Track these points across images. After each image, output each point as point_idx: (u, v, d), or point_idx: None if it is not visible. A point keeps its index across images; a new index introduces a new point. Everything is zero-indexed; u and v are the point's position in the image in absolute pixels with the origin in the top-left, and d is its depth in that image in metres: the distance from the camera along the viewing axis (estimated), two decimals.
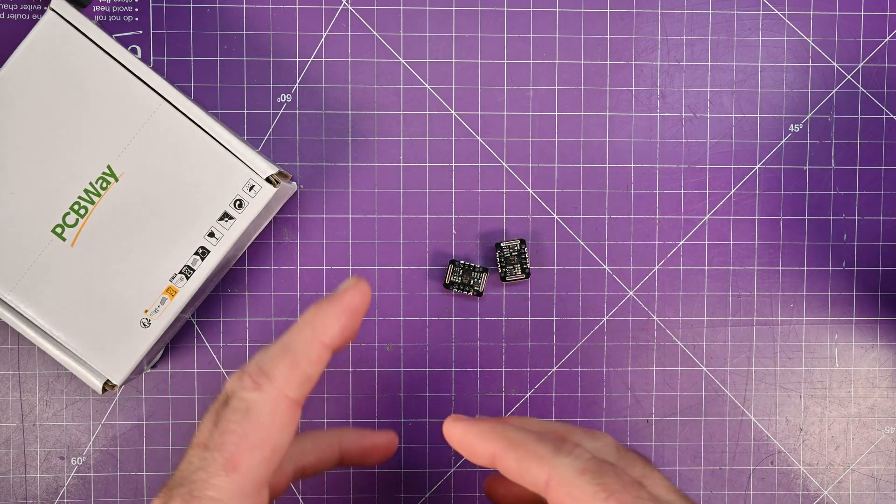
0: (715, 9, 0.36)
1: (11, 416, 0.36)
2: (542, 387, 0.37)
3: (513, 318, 0.36)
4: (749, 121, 0.37)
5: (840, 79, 0.37)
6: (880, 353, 0.37)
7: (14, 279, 0.31)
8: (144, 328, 0.31)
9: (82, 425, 0.36)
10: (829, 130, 0.37)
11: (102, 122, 0.31)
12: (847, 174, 0.37)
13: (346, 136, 0.36)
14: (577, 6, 0.36)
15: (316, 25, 0.36)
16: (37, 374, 0.36)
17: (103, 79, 0.31)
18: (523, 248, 0.35)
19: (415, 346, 0.36)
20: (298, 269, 0.36)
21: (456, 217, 0.36)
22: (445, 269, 0.36)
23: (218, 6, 0.36)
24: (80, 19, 0.31)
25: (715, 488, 0.37)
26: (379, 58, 0.36)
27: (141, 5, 0.36)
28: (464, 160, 0.36)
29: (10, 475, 0.36)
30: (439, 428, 0.36)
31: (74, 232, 0.31)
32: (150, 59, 0.36)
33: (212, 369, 0.36)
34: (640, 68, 0.37)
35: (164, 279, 0.31)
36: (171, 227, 0.31)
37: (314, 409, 0.36)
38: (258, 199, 0.31)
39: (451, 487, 0.37)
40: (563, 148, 0.36)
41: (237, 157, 0.31)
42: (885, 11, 0.37)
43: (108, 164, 0.31)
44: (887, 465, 0.37)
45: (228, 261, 0.35)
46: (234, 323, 0.36)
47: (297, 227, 0.36)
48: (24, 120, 0.31)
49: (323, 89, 0.36)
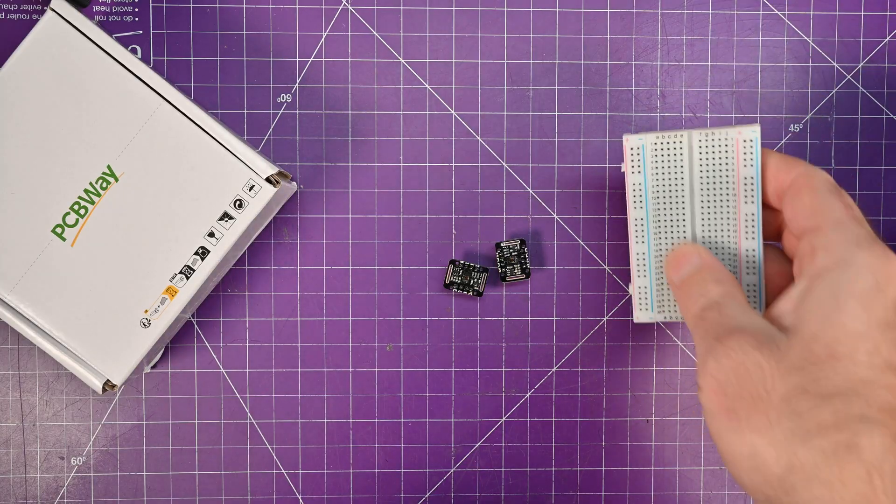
0: (715, 9, 0.36)
1: (11, 416, 0.36)
2: (542, 387, 0.37)
3: (513, 318, 0.36)
4: (749, 121, 0.37)
5: (840, 79, 0.37)
6: None
7: (14, 279, 0.31)
8: (144, 328, 0.31)
9: (82, 425, 0.36)
10: (829, 130, 0.37)
11: (102, 122, 0.31)
12: (847, 174, 0.37)
13: (346, 136, 0.36)
14: (577, 6, 0.36)
15: (316, 25, 0.36)
16: (37, 374, 0.36)
17: (103, 79, 0.31)
18: (523, 248, 0.35)
19: (415, 346, 0.36)
20: (298, 269, 0.36)
21: (456, 217, 0.36)
22: (445, 269, 0.36)
23: (218, 6, 0.36)
24: (80, 19, 0.31)
25: (715, 488, 0.37)
26: (379, 58, 0.36)
27: (141, 5, 0.36)
28: (464, 160, 0.36)
29: (10, 475, 0.36)
30: (439, 428, 0.37)
31: (74, 232, 0.31)
32: (150, 59, 0.36)
33: (212, 369, 0.36)
34: (640, 68, 0.37)
35: (164, 279, 0.31)
36: (172, 226, 0.31)
37: (314, 410, 0.36)
38: (258, 199, 0.31)
39: (451, 487, 0.37)
40: (562, 148, 0.36)
41: (237, 157, 0.31)
42: (885, 11, 0.37)
43: (108, 164, 0.31)
44: None
45: (228, 261, 0.35)
46: (234, 323, 0.36)
47: (297, 227, 0.36)
48: (24, 120, 0.31)
49: (323, 89, 0.36)
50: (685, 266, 0.28)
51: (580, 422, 0.37)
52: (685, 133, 0.30)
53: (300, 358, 0.36)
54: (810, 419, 0.22)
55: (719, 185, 0.29)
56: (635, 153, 0.30)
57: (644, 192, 0.30)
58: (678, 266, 0.28)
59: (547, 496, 0.37)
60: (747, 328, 0.24)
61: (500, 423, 0.37)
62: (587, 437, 0.37)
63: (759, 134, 0.29)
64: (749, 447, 0.23)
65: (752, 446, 0.23)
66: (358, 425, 0.36)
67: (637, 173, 0.30)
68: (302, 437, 0.36)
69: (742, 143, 0.29)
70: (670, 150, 0.30)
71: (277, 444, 0.36)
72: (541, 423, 0.37)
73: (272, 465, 0.36)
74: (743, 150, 0.29)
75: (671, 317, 0.31)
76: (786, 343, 0.23)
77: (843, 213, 0.25)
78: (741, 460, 0.23)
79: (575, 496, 0.37)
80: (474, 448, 0.37)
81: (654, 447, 0.37)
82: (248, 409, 0.36)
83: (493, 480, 0.37)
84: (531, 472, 0.37)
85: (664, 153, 0.30)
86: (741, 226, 0.29)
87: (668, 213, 0.30)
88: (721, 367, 0.24)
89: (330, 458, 0.36)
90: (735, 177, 0.29)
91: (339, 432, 0.36)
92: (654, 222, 0.30)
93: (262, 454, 0.36)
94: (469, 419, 0.37)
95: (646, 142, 0.30)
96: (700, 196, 0.30)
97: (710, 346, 0.24)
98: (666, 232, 0.30)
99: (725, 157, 0.29)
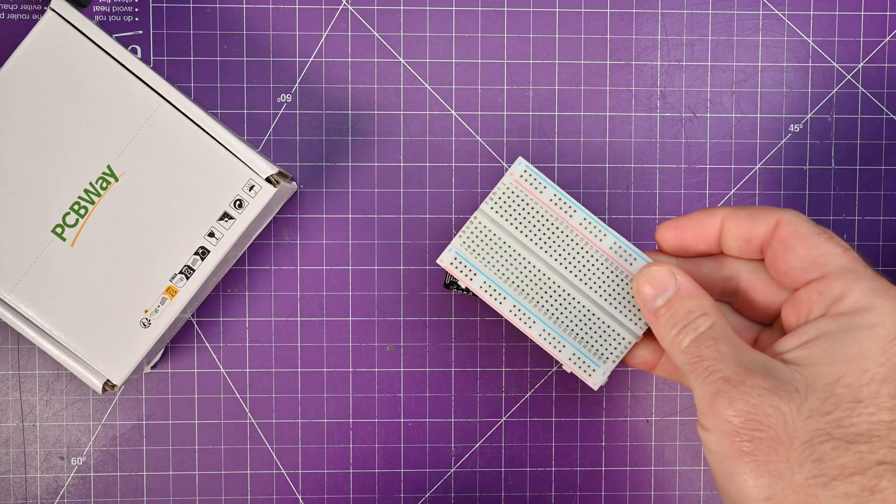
0: (715, 9, 0.36)
1: (11, 416, 0.36)
2: (542, 387, 0.37)
3: None
4: (749, 121, 0.37)
5: (840, 79, 0.37)
6: None
7: (14, 279, 0.31)
8: (144, 328, 0.31)
9: (82, 425, 0.36)
10: (829, 130, 0.37)
11: (102, 122, 0.31)
12: (847, 174, 0.37)
13: (346, 136, 0.36)
14: (577, 6, 0.36)
15: (316, 25, 0.36)
16: (37, 374, 0.36)
17: (103, 79, 0.31)
18: None
19: (415, 346, 0.36)
20: (298, 269, 0.36)
21: (456, 217, 0.36)
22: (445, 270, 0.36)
23: (218, 6, 0.36)
24: (80, 19, 0.31)
25: (715, 488, 0.37)
26: (379, 58, 0.36)
27: (141, 5, 0.36)
28: (464, 160, 0.36)
29: (10, 475, 0.36)
30: (439, 428, 0.37)
31: (74, 232, 0.31)
32: (150, 59, 0.36)
33: (212, 369, 0.36)
34: (640, 68, 0.37)
35: (164, 279, 0.31)
36: (172, 226, 0.31)
37: (314, 410, 0.36)
38: (258, 199, 0.31)
39: (451, 487, 0.37)
40: (562, 148, 0.36)
41: (237, 157, 0.31)
42: (885, 11, 0.37)
43: (108, 164, 0.31)
44: None
45: (228, 261, 0.35)
46: (234, 323, 0.36)
47: (297, 227, 0.36)
48: (24, 120, 0.31)
49: (323, 89, 0.36)
50: (660, 292, 0.26)
51: (580, 422, 0.37)
52: (477, 214, 0.28)
53: (300, 358, 0.36)
54: (833, 463, 0.22)
55: (550, 233, 0.28)
56: (458, 264, 0.29)
57: (495, 285, 0.29)
58: (654, 290, 0.26)
59: (547, 496, 0.37)
60: (756, 369, 0.23)
61: (500, 423, 0.37)
62: (587, 437, 0.37)
63: (525, 163, 0.28)
64: (767, 491, 0.22)
65: (770, 490, 0.22)
66: (358, 425, 0.36)
67: (476, 276, 0.29)
68: (302, 437, 0.36)
69: (522, 180, 0.28)
70: (481, 236, 0.29)
71: (277, 444, 0.36)
72: (541, 423, 0.37)
73: (272, 465, 0.36)
74: (530, 185, 0.28)
75: (619, 357, 0.28)
76: (804, 385, 0.23)
77: (845, 259, 0.24)
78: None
79: (575, 496, 0.37)
80: (474, 448, 0.37)
81: (654, 447, 0.37)
82: (248, 409, 0.36)
83: (493, 480, 0.37)
84: (531, 472, 0.37)
85: (480, 243, 0.29)
86: (613, 259, 0.28)
87: (534, 285, 0.28)
88: (737, 412, 0.23)
89: (330, 458, 0.36)
90: (569, 220, 0.28)
91: (339, 432, 0.36)
92: (529, 302, 0.28)
93: (262, 454, 0.36)
94: (469, 419, 0.37)
95: (456, 248, 0.29)
96: (549, 252, 0.28)
97: (718, 389, 0.23)
98: (546, 300, 0.28)
99: (526, 204, 0.28)
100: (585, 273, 0.28)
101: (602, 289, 0.28)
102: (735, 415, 0.23)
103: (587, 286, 0.28)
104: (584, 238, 0.28)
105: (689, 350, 0.25)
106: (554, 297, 0.28)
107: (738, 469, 0.23)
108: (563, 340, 0.28)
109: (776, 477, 0.22)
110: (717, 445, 0.23)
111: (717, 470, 0.24)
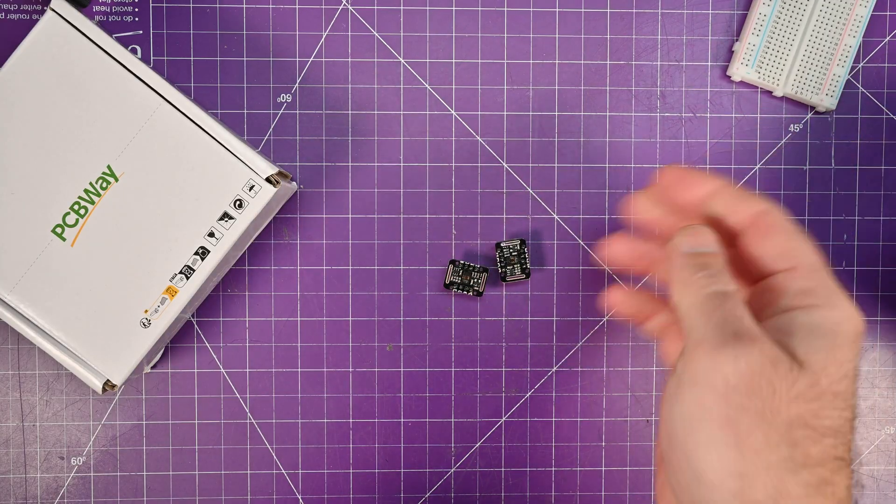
0: (715, 9, 0.36)
1: (11, 416, 0.36)
2: (542, 387, 0.37)
3: (513, 318, 0.36)
4: (749, 121, 0.37)
5: None
6: (880, 353, 0.37)
7: (14, 279, 0.31)
8: (144, 328, 0.31)
9: (82, 425, 0.36)
10: (829, 130, 0.37)
11: (102, 122, 0.31)
12: (847, 174, 0.37)
13: (346, 136, 0.36)
14: (577, 6, 0.36)
15: (316, 25, 0.36)
16: (37, 374, 0.36)
17: (103, 79, 0.31)
18: (523, 248, 0.35)
19: (415, 346, 0.36)
20: (298, 269, 0.36)
21: (456, 217, 0.36)
22: (445, 269, 0.36)
23: (218, 6, 0.36)
24: (80, 19, 0.31)
25: None
26: (379, 58, 0.36)
27: (141, 5, 0.36)
28: (464, 160, 0.36)
29: (10, 475, 0.36)
30: (439, 428, 0.37)
31: (74, 232, 0.31)
32: (150, 59, 0.36)
33: (212, 369, 0.36)
34: (640, 68, 0.36)
35: (164, 279, 0.31)
36: (172, 226, 0.31)
37: (314, 410, 0.36)
38: (258, 199, 0.31)
39: (451, 487, 0.37)
40: (562, 148, 0.36)
41: (237, 157, 0.31)
42: (885, 11, 0.37)
43: (108, 164, 0.31)
44: (887, 465, 0.37)
45: (228, 261, 0.35)
46: (234, 323, 0.36)
47: (297, 227, 0.36)
48: (24, 120, 0.31)
49: (323, 89, 0.36)
50: (701, 243, 0.26)
51: (580, 422, 0.37)
52: None
53: (300, 358, 0.36)
54: (804, 451, 0.22)
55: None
56: None
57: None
58: (695, 237, 0.26)
59: (547, 496, 0.37)
60: (764, 339, 0.23)
61: (500, 423, 0.37)
62: (587, 437, 0.37)
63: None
64: (741, 466, 0.21)
65: (744, 466, 0.21)
66: (358, 425, 0.36)
67: None
68: (302, 437, 0.36)
69: None
70: None
71: (277, 444, 0.36)
72: (541, 423, 0.37)
73: (272, 465, 0.36)
74: None
75: (765, 81, 0.35)
76: (797, 368, 0.22)
77: (815, 258, 0.25)
78: (724, 479, 0.22)
79: (575, 496, 0.37)
80: (474, 448, 0.37)
81: (655, 447, 0.37)
82: (248, 409, 0.36)
83: (493, 480, 0.37)
84: (531, 472, 0.37)
85: None
86: (848, 27, 0.35)
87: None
88: (737, 371, 0.22)
89: (330, 458, 0.36)
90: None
91: (339, 432, 0.36)
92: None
93: (262, 454, 0.36)
94: (469, 419, 0.37)
95: None
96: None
97: (724, 339, 0.23)
98: (789, 5, 0.35)
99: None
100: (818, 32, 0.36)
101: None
102: (734, 373, 0.22)
103: None
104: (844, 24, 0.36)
105: (708, 294, 0.24)
106: (794, 5, 0.36)
107: (717, 436, 0.22)
108: (763, 33, 0.35)
109: (753, 452, 0.21)
110: (695, 406, 0.22)
111: (682, 440, 0.22)
